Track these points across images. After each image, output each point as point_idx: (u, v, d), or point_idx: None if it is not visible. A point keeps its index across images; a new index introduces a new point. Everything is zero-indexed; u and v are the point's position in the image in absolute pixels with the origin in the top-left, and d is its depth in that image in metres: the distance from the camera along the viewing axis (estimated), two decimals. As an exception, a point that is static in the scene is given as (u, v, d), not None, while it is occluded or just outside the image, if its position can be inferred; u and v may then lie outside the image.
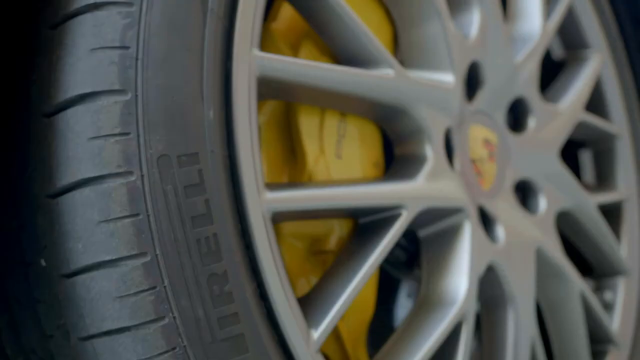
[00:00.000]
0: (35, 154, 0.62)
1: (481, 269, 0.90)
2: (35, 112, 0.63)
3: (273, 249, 0.65)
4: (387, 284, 1.05)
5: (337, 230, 0.81)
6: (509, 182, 1.02)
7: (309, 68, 0.73)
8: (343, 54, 0.81)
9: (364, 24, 0.78)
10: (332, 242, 0.81)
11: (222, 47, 0.65)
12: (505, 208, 0.99)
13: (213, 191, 0.61)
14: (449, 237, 0.88)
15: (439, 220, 0.88)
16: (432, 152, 0.86)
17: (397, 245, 1.02)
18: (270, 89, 0.72)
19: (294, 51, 0.82)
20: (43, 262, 0.63)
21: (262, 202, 0.65)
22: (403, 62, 0.91)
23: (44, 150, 0.61)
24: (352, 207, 0.77)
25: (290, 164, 0.81)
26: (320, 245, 0.81)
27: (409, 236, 1.01)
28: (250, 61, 0.67)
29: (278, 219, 0.70)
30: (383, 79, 0.80)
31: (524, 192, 1.07)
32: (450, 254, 0.88)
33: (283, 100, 0.79)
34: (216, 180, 0.61)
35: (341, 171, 0.81)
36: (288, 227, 0.79)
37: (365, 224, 0.80)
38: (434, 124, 0.87)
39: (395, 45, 0.92)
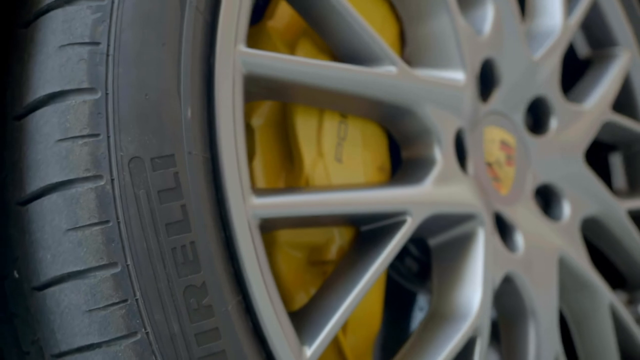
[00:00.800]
0: (8, 159, 0.59)
1: (497, 279, 0.84)
2: (9, 115, 0.59)
3: (260, 259, 0.61)
4: (400, 296, 0.99)
5: (338, 239, 0.76)
6: (529, 187, 0.96)
7: (302, 65, 0.68)
8: (342, 51, 0.76)
9: (363, 19, 0.74)
10: (333, 252, 0.75)
11: (203, 42, 0.61)
12: (524, 214, 0.93)
13: (191, 196, 0.56)
14: (461, 245, 0.83)
15: (450, 228, 0.83)
16: (441, 154, 0.81)
17: (409, 256, 0.97)
18: (260, 88, 0.67)
19: (292, 50, 0.77)
20: (16, 274, 0.59)
21: (247, 208, 0.61)
22: (411, 61, 0.86)
23: (15, 155, 0.58)
24: (351, 214, 0.71)
25: (288, 169, 0.76)
26: (319, 255, 0.75)
27: (422, 246, 0.95)
28: (235, 58, 0.62)
29: (268, 226, 0.65)
30: (384, 76, 0.75)
31: (546, 198, 1.00)
32: (463, 263, 0.82)
33: (277, 100, 0.75)
34: (194, 184, 0.57)
35: (342, 175, 0.76)
36: (285, 235, 0.74)
37: (367, 232, 0.75)
38: (442, 125, 0.81)
39: (403, 43, 0.87)
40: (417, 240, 0.89)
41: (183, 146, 0.57)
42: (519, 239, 0.90)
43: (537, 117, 1.01)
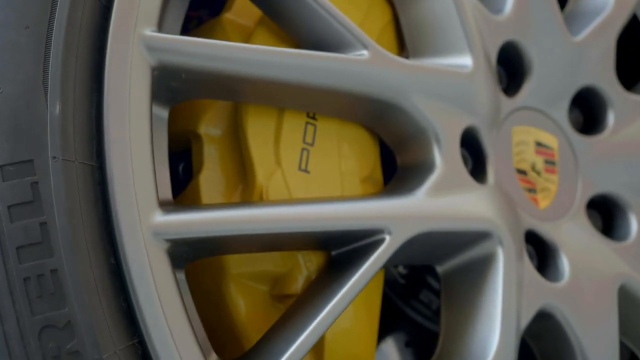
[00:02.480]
0: None
1: (527, 315, 0.65)
2: None
3: (162, 293, 0.47)
4: (424, 338, 0.82)
5: (304, 268, 0.61)
6: (579, 198, 0.77)
7: (239, 51, 0.55)
8: (305, 39, 0.63)
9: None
10: (299, 283, 0.61)
11: (91, 25, 0.50)
12: (572, 233, 0.74)
13: (55, 212, 0.45)
14: (475, 272, 0.65)
15: (460, 250, 0.66)
16: (441, 159, 0.65)
17: (427, 289, 0.80)
18: (186, 83, 0.55)
19: (247, 42, 0.65)
20: None
21: (145, 227, 0.48)
22: (410, 50, 0.71)
23: None
24: (307, 233, 0.56)
25: (246, 183, 0.63)
26: (282, 288, 0.61)
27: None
28: (135, 44, 0.51)
29: (189, 251, 0.52)
30: (352, 62, 0.60)
31: (606, 212, 0.80)
32: (477, 295, 0.64)
33: (220, 98, 0.62)
34: (61, 197, 0.45)
35: (308, 188, 0.62)
36: (238, 264, 0.61)
37: (338, 257, 0.60)
38: (441, 122, 0.65)
39: (399, 34, 0.72)
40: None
41: (46, 150, 0.45)
42: (563, 263, 0.71)
43: (587, 112, 0.82)
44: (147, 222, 0.48)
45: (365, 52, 0.61)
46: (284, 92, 0.60)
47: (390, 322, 0.77)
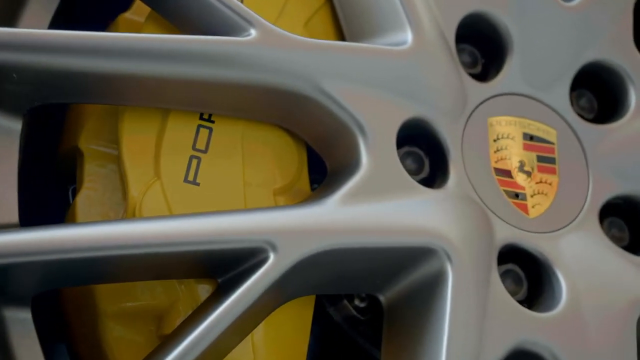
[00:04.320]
0: None
1: (492, 356, 0.49)
2: None
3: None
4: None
5: (188, 301, 0.50)
6: (590, 202, 0.60)
7: (71, 40, 0.46)
8: (193, 29, 0.53)
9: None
10: (180, 321, 0.49)
11: None
12: (576, 247, 0.57)
13: None
14: (419, 301, 0.50)
15: (402, 273, 0.51)
16: (370, 158, 0.51)
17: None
18: (26, 86, 0.47)
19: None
20: None
21: None
22: (347, 36, 0.59)
23: None
24: (162, 255, 0.45)
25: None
26: (164, 327, 0.50)
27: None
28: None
29: (15, 283, 0.43)
30: (233, 45, 0.49)
31: (632, 220, 0.62)
32: (418, 331, 0.49)
33: (80, 102, 0.54)
34: None
35: (196, 203, 0.51)
36: (118, 299, 0.50)
37: (222, 285, 0.48)
38: (369, 113, 0.52)
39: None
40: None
41: None
42: (560, 286, 0.55)
43: (598, 94, 0.65)
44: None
45: (252, 31, 0.50)
46: (152, 89, 0.50)
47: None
